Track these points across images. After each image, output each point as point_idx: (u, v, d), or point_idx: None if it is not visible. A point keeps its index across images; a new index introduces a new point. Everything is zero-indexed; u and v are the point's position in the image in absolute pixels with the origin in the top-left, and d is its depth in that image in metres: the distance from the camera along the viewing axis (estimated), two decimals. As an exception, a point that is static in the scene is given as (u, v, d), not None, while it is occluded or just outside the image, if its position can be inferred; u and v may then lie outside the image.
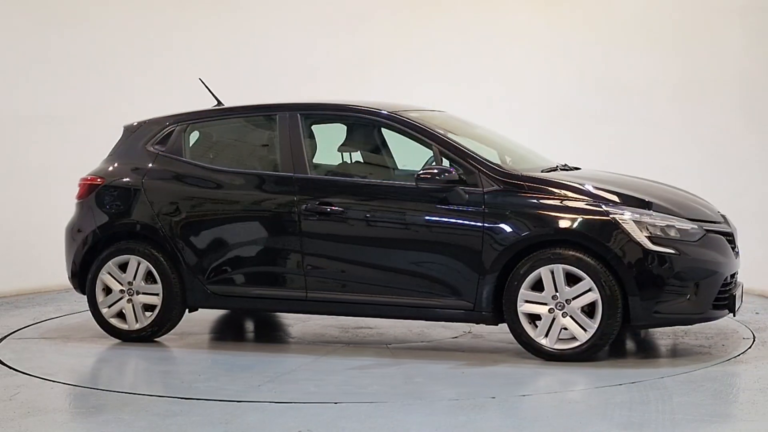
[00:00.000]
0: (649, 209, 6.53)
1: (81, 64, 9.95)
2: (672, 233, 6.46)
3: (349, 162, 7.35)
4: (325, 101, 7.53)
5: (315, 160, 7.20)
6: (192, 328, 7.76)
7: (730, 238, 6.83)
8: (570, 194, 6.55)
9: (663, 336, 7.25)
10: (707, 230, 6.63)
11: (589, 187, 6.61)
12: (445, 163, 6.78)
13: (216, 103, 7.76)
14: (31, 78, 9.74)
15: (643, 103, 10.17)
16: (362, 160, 7.44)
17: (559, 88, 10.66)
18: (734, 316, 6.81)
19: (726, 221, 6.99)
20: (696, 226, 6.58)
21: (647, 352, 6.92)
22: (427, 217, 6.70)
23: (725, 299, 6.63)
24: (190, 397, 5.86)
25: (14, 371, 6.52)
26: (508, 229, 6.52)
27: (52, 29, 9.80)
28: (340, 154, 7.31)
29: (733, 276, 6.76)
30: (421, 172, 6.67)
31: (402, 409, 5.58)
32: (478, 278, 6.58)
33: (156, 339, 7.36)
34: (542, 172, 6.93)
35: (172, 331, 7.43)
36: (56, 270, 9.68)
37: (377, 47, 10.81)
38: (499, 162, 6.92)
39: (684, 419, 5.38)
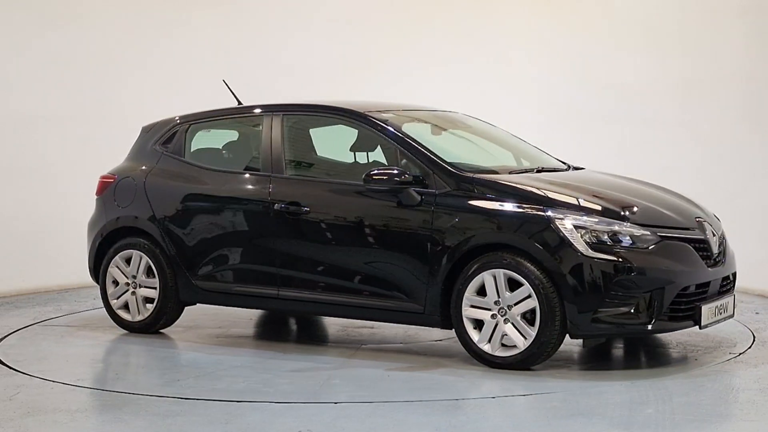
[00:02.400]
0: (602, 215, 6.23)
1: (81, 64, 9.94)
2: (616, 240, 6.16)
3: (356, 162, 7.33)
4: (300, 101, 7.59)
5: (305, 159, 7.27)
6: (206, 323, 7.83)
7: (700, 245, 6.44)
8: (517, 197, 6.36)
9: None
10: (663, 237, 6.28)
11: (535, 190, 6.40)
12: (399, 163, 6.72)
13: (237, 103, 7.86)
14: (31, 78, 9.73)
15: (643, 103, 10.17)
16: (337, 160, 7.44)
17: (560, 88, 10.67)
18: (700, 328, 6.38)
19: (702, 227, 6.54)
20: (648, 233, 6.25)
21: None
22: (380, 218, 6.67)
23: (687, 310, 6.28)
24: (190, 397, 5.86)
25: (14, 371, 6.52)
26: (453, 231, 6.41)
27: (51, 29, 9.79)
28: (352, 153, 7.32)
29: (704, 285, 6.40)
30: (372, 172, 6.59)
31: (402, 409, 5.58)
32: (427, 281, 6.50)
33: (160, 332, 7.60)
34: (510, 173, 6.76)
35: (181, 325, 7.71)
36: (56, 270, 9.72)
37: (377, 48, 10.82)
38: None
39: (684, 419, 5.38)
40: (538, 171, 7.00)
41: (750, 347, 6.96)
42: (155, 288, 7.45)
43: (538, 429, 5.22)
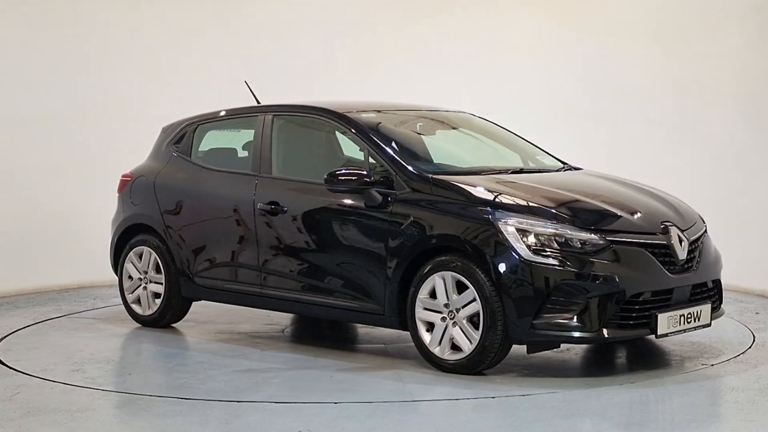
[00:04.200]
0: (547, 218, 6.07)
1: (80, 64, 9.93)
2: (559, 244, 6.00)
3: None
4: (287, 102, 7.61)
5: (289, 160, 7.29)
6: (219, 318, 7.90)
7: (660, 250, 6.20)
8: (467, 199, 6.27)
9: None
10: (612, 241, 6.05)
11: (486, 192, 6.30)
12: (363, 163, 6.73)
13: (257, 104, 7.91)
14: (31, 78, 9.73)
15: (643, 103, 10.17)
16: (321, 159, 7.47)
17: (559, 88, 10.67)
18: (656, 337, 6.17)
19: (666, 233, 6.27)
20: (596, 237, 6.04)
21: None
22: (345, 219, 6.69)
23: (640, 318, 6.07)
24: (190, 397, 5.86)
25: (14, 371, 6.52)
26: (407, 233, 6.36)
27: (51, 29, 9.79)
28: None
29: (665, 293, 6.18)
30: (333, 172, 6.58)
31: (402, 409, 5.58)
32: (385, 283, 6.48)
33: (172, 327, 7.84)
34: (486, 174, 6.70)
35: (194, 320, 7.98)
36: (56, 270, 9.72)
37: (378, 48, 10.82)
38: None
39: (684, 419, 5.38)
40: (517, 172, 6.89)
41: (750, 347, 6.96)
42: (161, 283, 7.70)
43: (538, 429, 5.22)
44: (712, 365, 6.47)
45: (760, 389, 5.90)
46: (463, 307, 6.15)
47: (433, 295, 6.27)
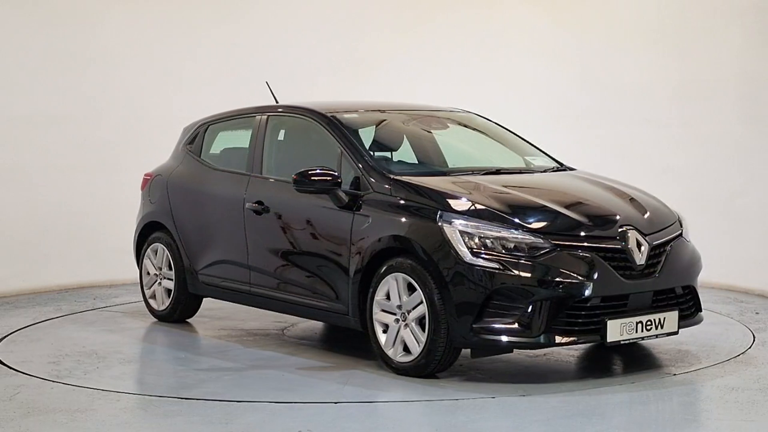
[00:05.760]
0: (493, 221, 5.97)
1: (81, 64, 9.93)
2: (502, 247, 5.90)
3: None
4: (281, 104, 7.68)
5: (277, 160, 7.32)
6: (236, 315, 7.98)
7: (614, 255, 6.02)
8: (421, 200, 6.22)
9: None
10: (558, 245, 5.92)
11: (436, 194, 6.22)
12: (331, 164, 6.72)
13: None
14: (31, 78, 9.72)
15: (643, 103, 10.17)
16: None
17: (559, 88, 10.67)
18: (606, 345, 6.02)
19: (624, 237, 6.07)
20: (541, 240, 5.93)
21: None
22: (316, 219, 6.73)
23: (588, 324, 5.92)
24: (190, 397, 5.86)
25: (14, 371, 6.52)
26: (367, 234, 6.35)
27: (50, 28, 9.79)
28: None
29: (620, 298, 6.00)
30: (309, 171, 6.57)
31: (402, 409, 5.58)
32: (348, 283, 6.48)
33: (182, 322, 8.02)
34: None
35: (209, 316, 8.18)
36: (56, 270, 9.72)
37: (377, 47, 10.82)
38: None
39: (684, 419, 5.38)
40: (493, 173, 6.80)
41: (750, 347, 6.96)
42: (172, 280, 7.92)
43: (538, 429, 5.22)
44: (713, 365, 6.46)
45: (760, 389, 5.90)
46: (413, 309, 6.10)
47: (389, 296, 6.25)
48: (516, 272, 5.84)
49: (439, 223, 6.03)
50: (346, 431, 5.20)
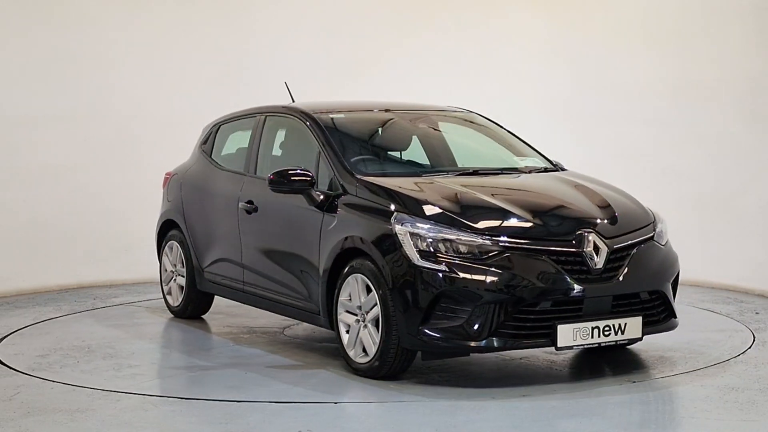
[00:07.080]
0: (441, 223, 5.90)
1: (81, 64, 9.94)
2: (449, 249, 5.84)
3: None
4: (277, 104, 7.69)
5: (269, 159, 7.34)
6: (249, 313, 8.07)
7: (567, 258, 5.89)
8: (379, 201, 6.20)
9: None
10: (507, 248, 5.83)
11: (393, 195, 6.18)
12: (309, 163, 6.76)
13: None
14: (31, 78, 9.73)
15: (643, 103, 10.17)
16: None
17: (559, 88, 10.67)
18: (556, 350, 5.90)
19: (580, 240, 5.93)
20: (489, 243, 5.84)
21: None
22: (293, 219, 6.77)
23: (537, 328, 5.81)
24: (190, 397, 5.87)
25: (14, 371, 6.52)
26: (331, 234, 6.36)
27: (50, 28, 9.80)
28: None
29: (573, 303, 5.87)
30: (289, 171, 6.61)
31: (402, 409, 5.58)
32: (318, 283, 6.50)
33: (196, 318, 8.20)
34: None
35: (223, 312, 8.36)
36: (56, 270, 9.72)
37: (377, 47, 10.81)
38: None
39: (684, 419, 5.38)
40: (470, 174, 6.76)
41: (750, 347, 6.96)
42: (184, 276, 8.12)
43: (538, 429, 5.22)
44: (713, 365, 6.46)
45: (760, 389, 5.91)
46: (370, 310, 6.10)
47: (351, 297, 6.27)
48: (463, 275, 5.76)
49: (392, 225, 6.01)
50: (346, 431, 5.21)
